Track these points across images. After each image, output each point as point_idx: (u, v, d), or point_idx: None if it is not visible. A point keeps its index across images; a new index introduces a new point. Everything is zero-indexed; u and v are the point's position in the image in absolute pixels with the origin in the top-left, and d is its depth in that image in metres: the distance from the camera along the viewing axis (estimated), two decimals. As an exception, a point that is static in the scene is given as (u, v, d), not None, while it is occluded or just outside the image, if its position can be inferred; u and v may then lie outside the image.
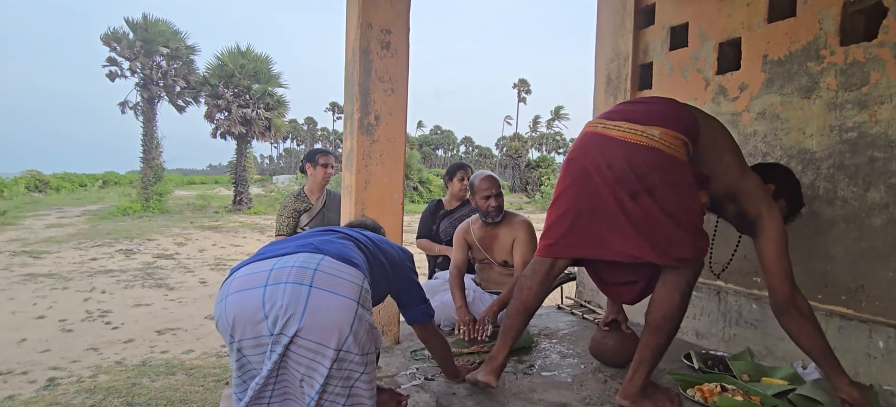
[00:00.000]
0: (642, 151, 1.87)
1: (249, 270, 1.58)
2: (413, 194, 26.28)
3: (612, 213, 1.91)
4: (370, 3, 2.52)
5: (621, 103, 2.16)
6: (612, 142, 1.92)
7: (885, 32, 2.21)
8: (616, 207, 1.89)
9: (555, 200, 2.07)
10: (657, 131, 1.88)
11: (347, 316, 1.50)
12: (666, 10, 3.28)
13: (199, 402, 3.69)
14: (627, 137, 1.90)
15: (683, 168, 1.90)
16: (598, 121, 2.02)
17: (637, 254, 1.91)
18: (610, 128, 1.95)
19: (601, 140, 1.96)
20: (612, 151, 1.91)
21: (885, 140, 2.21)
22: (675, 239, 1.88)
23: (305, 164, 3.76)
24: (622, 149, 1.90)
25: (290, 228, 3.61)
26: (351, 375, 1.54)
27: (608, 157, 1.91)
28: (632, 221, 1.89)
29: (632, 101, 2.22)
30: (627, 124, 1.92)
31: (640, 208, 1.87)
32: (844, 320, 2.26)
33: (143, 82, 20.65)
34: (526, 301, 2.10)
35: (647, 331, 1.98)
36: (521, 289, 2.11)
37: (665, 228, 1.87)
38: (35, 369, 4.35)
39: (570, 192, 2.00)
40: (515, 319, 2.10)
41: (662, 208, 1.86)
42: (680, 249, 1.89)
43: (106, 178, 41.29)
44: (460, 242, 3.14)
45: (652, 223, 1.88)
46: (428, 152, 74.20)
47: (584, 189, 1.96)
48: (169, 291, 7.33)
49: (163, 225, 15.20)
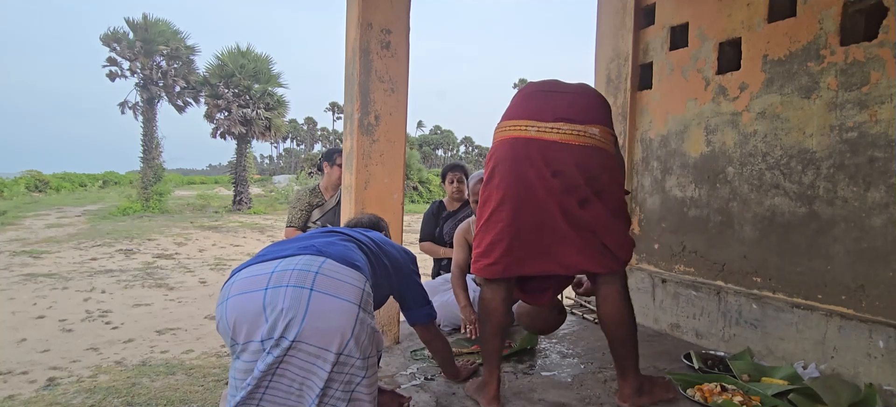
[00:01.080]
0: (590, 153, 1.79)
1: (251, 273, 1.57)
2: (413, 194, 26.27)
3: (556, 225, 1.82)
4: (370, 3, 2.52)
5: (534, 97, 1.92)
6: (554, 146, 1.78)
7: (885, 32, 2.21)
8: (561, 218, 1.81)
9: (489, 217, 1.89)
10: (597, 130, 1.81)
11: (349, 320, 1.49)
12: (666, 10, 3.28)
13: (199, 402, 3.68)
14: (571, 141, 1.78)
15: (615, 162, 1.88)
16: (525, 123, 1.84)
17: (585, 266, 1.89)
18: (547, 131, 1.79)
19: (540, 145, 1.79)
20: (557, 156, 1.78)
21: (885, 140, 2.21)
22: (622, 240, 1.89)
23: (323, 163, 3.79)
24: (569, 153, 1.78)
25: (302, 220, 3.64)
26: (352, 379, 1.53)
27: (553, 163, 1.78)
28: (578, 230, 1.83)
29: (545, 91, 1.92)
30: (567, 125, 1.79)
31: (588, 215, 1.82)
32: (844, 320, 2.26)
33: (143, 82, 20.64)
34: (498, 323, 1.99)
35: (613, 343, 1.97)
36: (488, 313, 1.99)
37: (613, 229, 1.86)
38: (35, 369, 4.34)
39: (508, 208, 1.84)
40: (492, 341, 2.01)
41: (610, 210, 1.85)
42: (625, 251, 1.90)
43: (106, 179, 41.27)
44: (461, 241, 3.14)
45: (600, 229, 1.84)
46: (428, 152, 74.24)
47: (525, 203, 1.82)
48: (169, 291, 7.33)
49: (163, 225, 15.19)
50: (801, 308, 2.43)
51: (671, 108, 3.23)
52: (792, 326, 2.45)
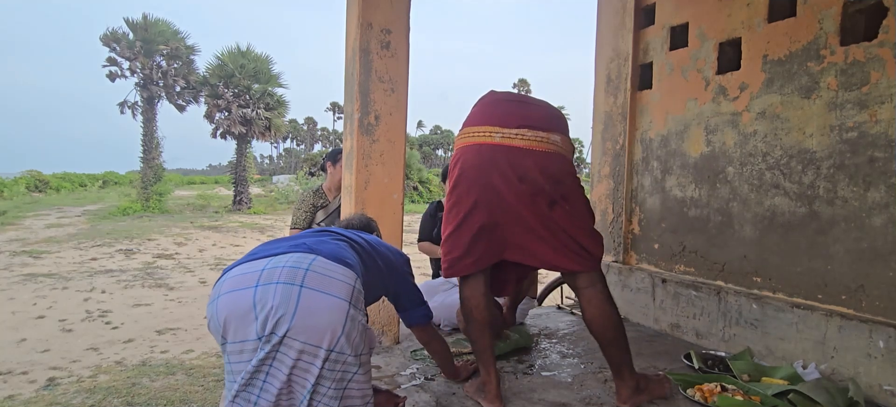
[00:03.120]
0: (552, 159, 1.84)
1: (241, 271, 1.56)
2: (413, 194, 26.28)
3: (531, 226, 1.87)
4: (370, 3, 2.52)
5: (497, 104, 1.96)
6: (518, 152, 1.83)
7: (885, 32, 2.21)
8: (535, 219, 1.85)
9: (463, 220, 1.91)
10: (558, 137, 1.87)
11: (339, 316, 1.49)
12: (666, 10, 3.28)
13: (199, 402, 3.68)
14: (534, 146, 1.83)
15: (574, 169, 1.95)
16: (489, 129, 1.87)
17: (561, 264, 1.93)
18: (511, 137, 1.84)
19: (506, 151, 1.83)
20: (521, 162, 1.82)
21: (885, 140, 2.21)
22: (593, 239, 1.94)
23: (327, 163, 3.76)
24: (532, 158, 1.82)
25: (306, 222, 3.62)
26: (344, 376, 1.53)
27: (519, 168, 1.82)
28: (552, 232, 1.87)
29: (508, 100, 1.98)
30: (530, 132, 1.83)
31: (558, 216, 1.86)
32: (844, 320, 2.26)
33: (142, 82, 20.65)
34: (482, 319, 2.00)
35: (602, 344, 1.98)
36: (471, 310, 2.00)
37: (584, 229, 1.91)
38: (35, 369, 4.34)
39: (482, 210, 1.87)
40: (481, 339, 2.01)
41: (577, 212, 1.90)
42: (598, 248, 1.95)
43: (106, 178, 41.29)
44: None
45: (572, 229, 1.88)
46: (428, 152, 74.23)
47: (497, 208, 1.86)
48: (169, 291, 7.33)
49: (163, 225, 15.20)
50: (801, 308, 2.43)
51: (671, 108, 3.23)
52: (792, 326, 2.45)
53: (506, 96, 2.01)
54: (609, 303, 1.95)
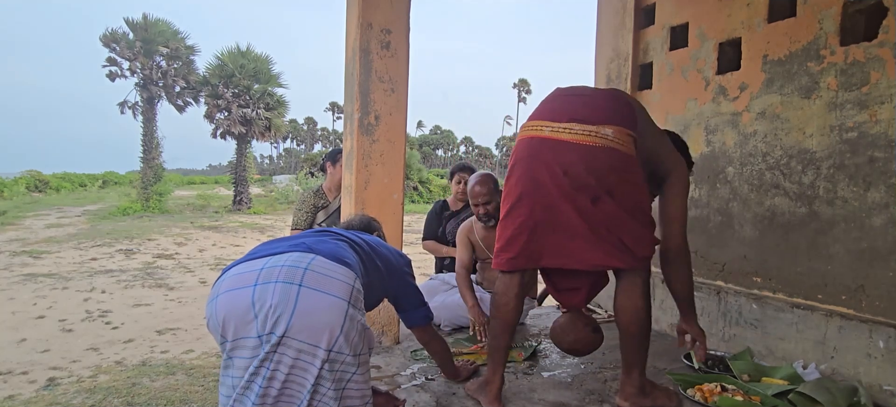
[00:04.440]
0: (599, 153, 1.81)
1: (240, 270, 1.56)
2: (413, 194, 26.27)
3: (571, 222, 1.84)
4: (370, 3, 2.52)
5: (556, 98, 1.99)
6: (565, 146, 1.82)
7: (885, 32, 2.21)
8: (576, 215, 1.83)
9: (509, 211, 1.95)
10: (610, 130, 1.82)
11: (338, 316, 1.49)
12: (666, 10, 3.28)
13: (199, 402, 3.68)
14: (581, 140, 1.81)
15: (635, 164, 1.88)
16: (541, 123, 1.90)
17: (601, 262, 1.89)
18: (560, 131, 1.84)
19: (552, 145, 1.84)
20: (566, 156, 1.82)
21: (885, 140, 2.21)
22: (639, 237, 1.88)
23: (326, 163, 3.75)
24: (577, 153, 1.81)
25: (307, 223, 3.61)
26: (343, 377, 1.53)
27: (564, 163, 1.82)
28: (593, 227, 1.84)
29: (567, 94, 2.01)
30: (579, 125, 1.82)
31: (601, 212, 1.83)
32: (844, 320, 2.26)
33: (142, 82, 20.64)
34: (506, 319, 2.00)
35: (623, 336, 1.96)
36: (499, 307, 2.01)
37: (628, 227, 1.86)
38: (35, 369, 4.34)
39: (525, 205, 1.89)
40: (501, 337, 2.02)
41: (624, 208, 1.84)
42: (644, 248, 1.90)
43: (106, 178, 41.27)
44: (464, 241, 3.13)
45: (615, 226, 1.85)
46: (428, 152, 74.25)
47: (538, 201, 1.87)
48: (169, 291, 7.33)
49: (163, 225, 15.19)
50: (801, 308, 2.43)
51: (671, 108, 3.23)
52: (792, 326, 2.45)
53: (567, 91, 2.03)
54: (644, 299, 1.93)
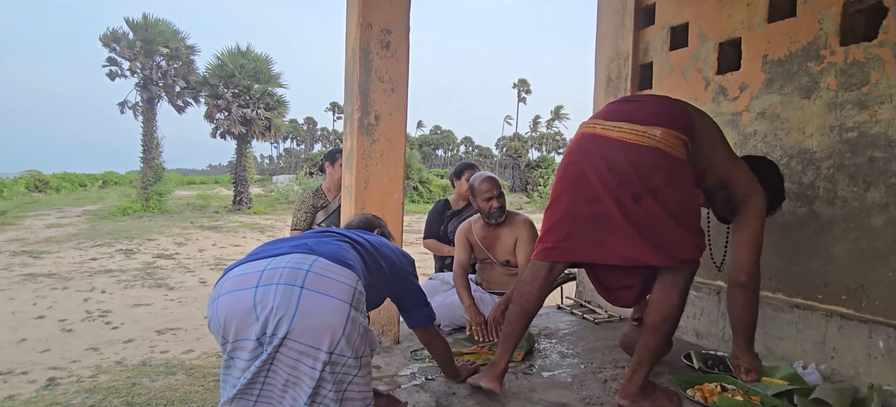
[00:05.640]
0: (644, 152, 1.85)
1: (242, 271, 1.56)
2: (413, 194, 26.28)
3: (612, 217, 1.88)
4: (370, 3, 2.52)
5: (616, 102, 2.12)
6: (612, 143, 1.89)
7: (885, 32, 2.21)
8: (617, 210, 1.87)
9: (552, 203, 2.04)
10: (658, 131, 1.86)
11: (339, 318, 1.48)
12: (666, 10, 3.28)
13: (199, 402, 3.68)
14: (628, 138, 1.87)
15: (684, 168, 1.90)
16: (595, 121, 1.98)
17: (638, 257, 1.90)
18: (609, 129, 1.91)
19: (600, 141, 1.92)
20: (613, 153, 1.88)
21: (885, 140, 2.21)
22: (678, 240, 1.89)
23: (325, 163, 3.75)
24: (624, 150, 1.87)
25: (307, 223, 3.61)
26: (344, 379, 1.52)
27: (609, 159, 1.88)
28: (633, 224, 1.87)
29: (627, 99, 2.16)
30: (628, 125, 1.89)
31: (642, 210, 1.86)
32: (844, 320, 2.26)
33: (142, 82, 20.64)
34: (526, 306, 2.07)
35: (646, 332, 1.97)
36: (521, 294, 2.09)
37: (668, 228, 1.87)
38: (35, 369, 4.34)
39: (568, 196, 1.97)
40: (516, 324, 2.08)
41: (665, 209, 1.86)
42: (682, 250, 1.90)
43: (106, 178, 41.26)
44: (462, 241, 3.14)
45: (654, 225, 1.87)
46: (428, 152, 74.23)
47: (582, 194, 1.93)
48: (169, 291, 7.33)
49: (163, 225, 15.19)
50: (801, 308, 2.43)
51: (671, 108, 3.22)
52: (792, 326, 2.45)
53: (632, 97, 2.22)
54: (680, 299, 1.94)
